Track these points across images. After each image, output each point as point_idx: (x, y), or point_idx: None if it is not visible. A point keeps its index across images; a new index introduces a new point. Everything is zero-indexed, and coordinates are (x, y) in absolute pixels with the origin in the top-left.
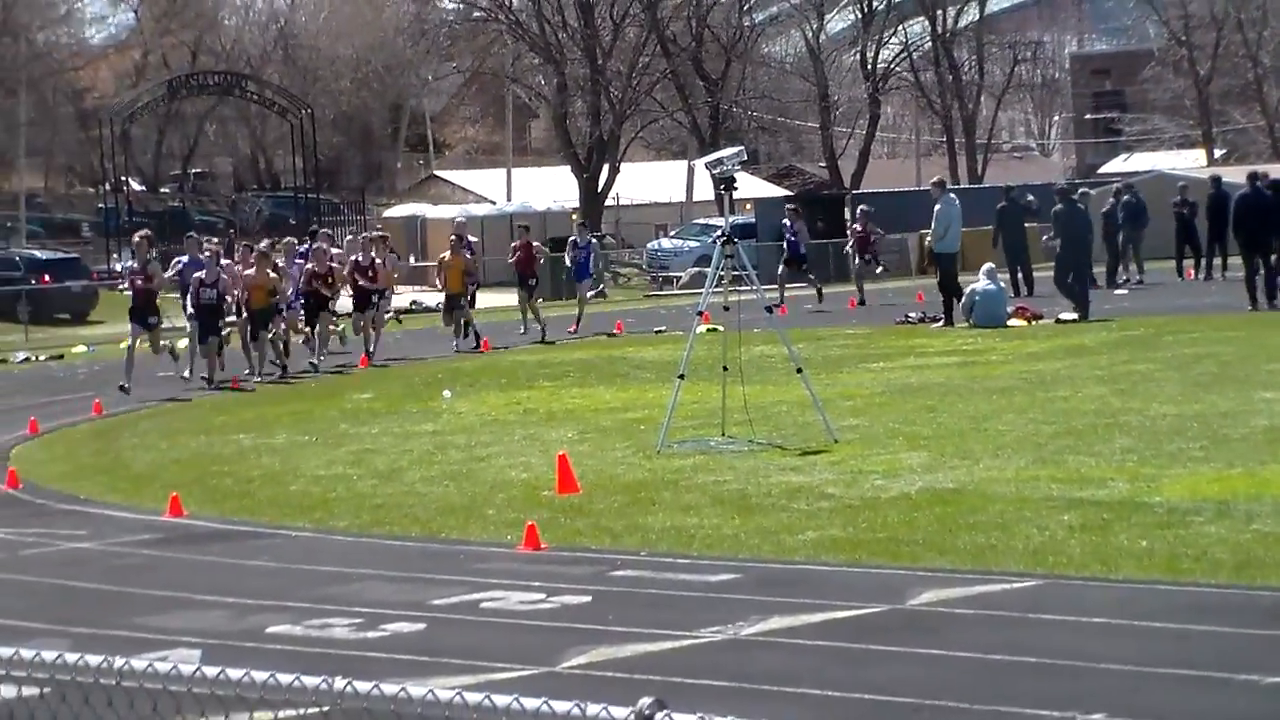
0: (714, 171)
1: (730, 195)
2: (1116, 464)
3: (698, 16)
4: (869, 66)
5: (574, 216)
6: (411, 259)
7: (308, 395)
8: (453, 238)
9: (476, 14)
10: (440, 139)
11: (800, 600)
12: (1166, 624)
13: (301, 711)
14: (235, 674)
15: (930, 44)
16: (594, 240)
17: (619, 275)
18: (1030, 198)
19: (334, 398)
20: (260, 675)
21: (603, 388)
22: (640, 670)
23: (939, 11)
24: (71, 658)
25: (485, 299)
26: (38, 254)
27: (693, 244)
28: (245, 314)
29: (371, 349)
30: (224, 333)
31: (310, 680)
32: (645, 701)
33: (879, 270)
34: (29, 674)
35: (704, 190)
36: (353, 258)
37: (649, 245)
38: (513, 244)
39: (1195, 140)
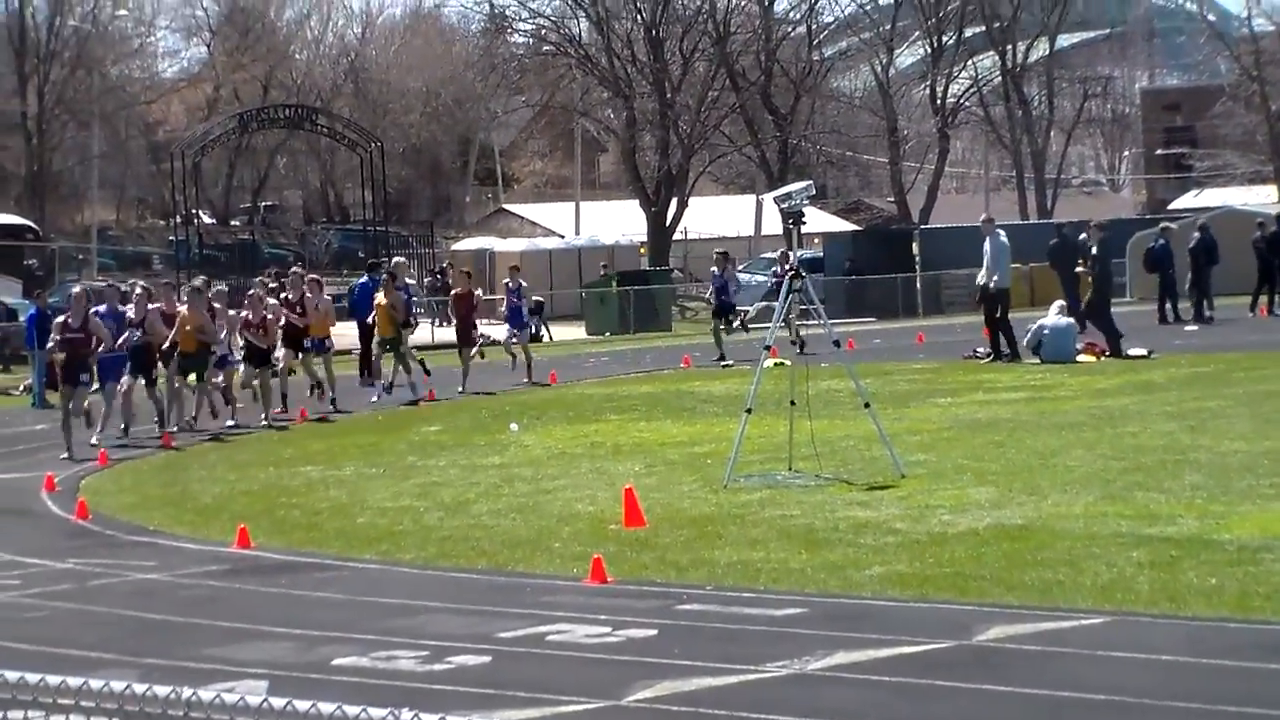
0: (782, 206)
1: (799, 230)
2: (1186, 501)
3: (766, 51)
4: (938, 101)
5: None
6: (480, 292)
7: (375, 428)
8: (385, 276)
9: (546, 48)
10: (509, 172)
11: (867, 635)
12: (1236, 662)
13: None
14: (302, 705)
15: (1000, 79)
16: (524, 284)
17: (686, 309)
18: (1083, 235)
19: (401, 430)
20: (327, 707)
21: (669, 421)
22: (706, 704)
23: (1009, 46)
24: (140, 688)
25: (555, 331)
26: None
27: (760, 278)
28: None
29: (327, 390)
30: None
31: (376, 712)
32: None
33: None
34: (98, 704)
35: (772, 224)
36: (283, 295)
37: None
38: (452, 292)
39: (1266, 176)
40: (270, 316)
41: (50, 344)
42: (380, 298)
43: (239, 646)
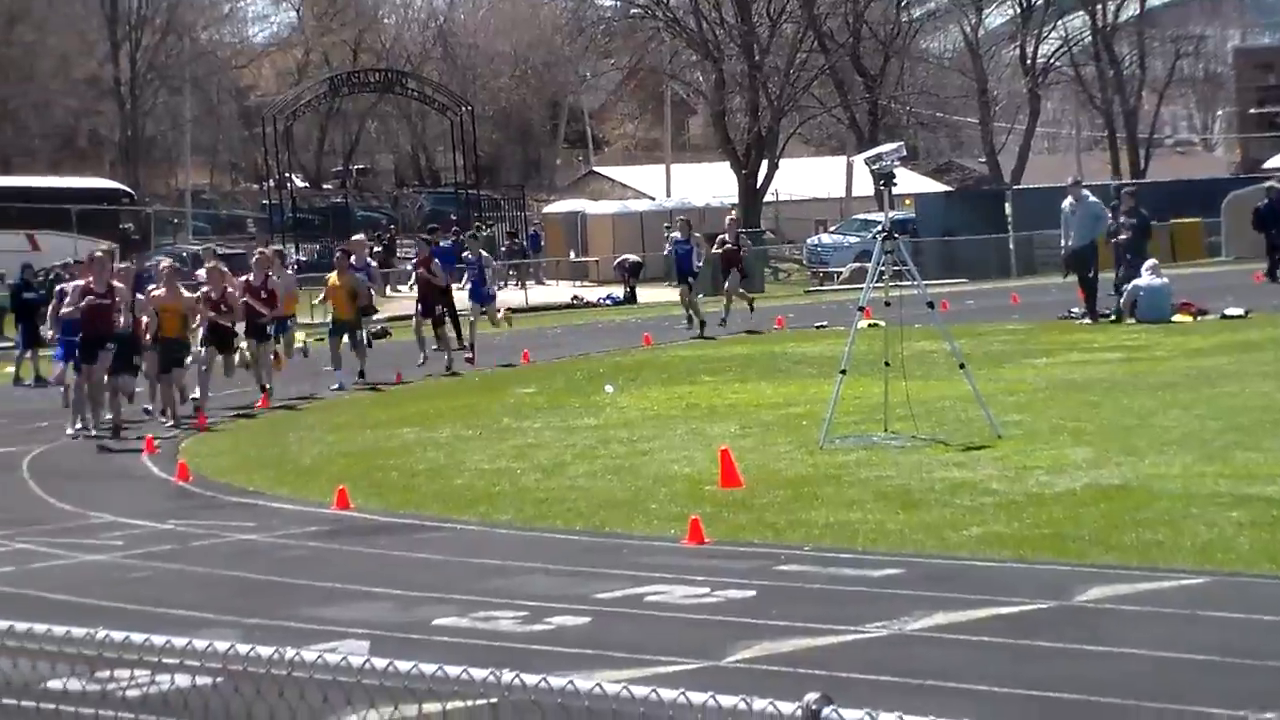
0: (873, 167)
1: (890, 191)
2: None
3: (855, 12)
4: (1028, 61)
5: (467, 230)
6: (571, 254)
7: (471, 390)
8: (339, 254)
9: (634, 11)
10: (599, 135)
11: (964, 596)
12: None
13: (469, 703)
14: (403, 666)
15: (1090, 38)
16: (485, 254)
17: (779, 271)
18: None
19: (497, 392)
20: (428, 667)
21: (764, 383)
22: (804, 665)
23: (1099, 5)
24: (243, 648)
25: (645, 294)
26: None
27: (852, 239)
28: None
29: (268, 385)
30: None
31: (478, 673)
32: (812, 697)
33: (737, 281)
34: (202, 664)
35: (863, 185)
36: (244, 278)
37: (808, 241)
38: (412, 259)
39: None
40: (231, 290)
41: (68, 309)
42: (333, 278)
43: (340, 607)
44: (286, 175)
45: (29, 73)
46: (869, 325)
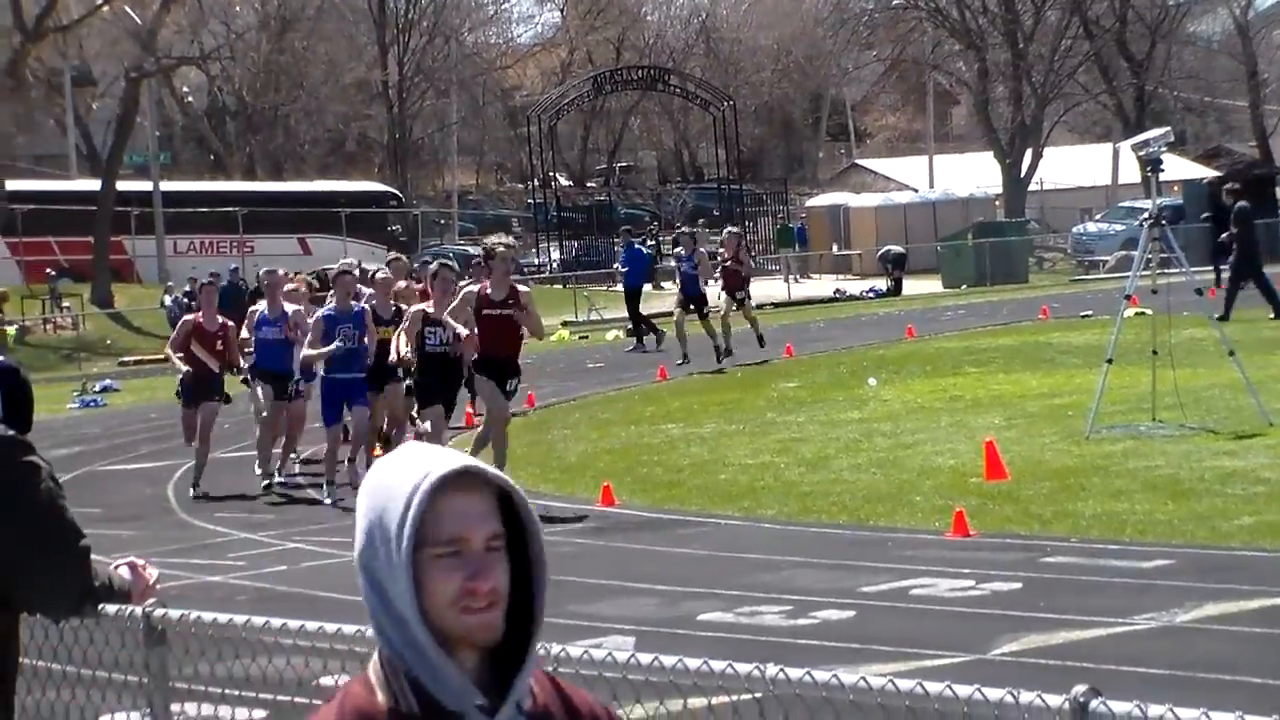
0: (1140, 154)
1: (1157, 177)
2: None
3: None
4: None
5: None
6: (834, 248)
7: (734, 385)
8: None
9: (896, 2)
10: (861, 127)
11: (1237, 586)
12: None
13: (734, 698)
14: (668, 661)
15: None
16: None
17: (1044, 260)
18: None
19: (760, 386)
20: (693, 662)
21: (1029, 373)
22: (1072, 657)
23: None
24: None
25: (910, 286)
26: (470, 249)
27: (1119, 227)
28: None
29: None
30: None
31: (742, 667)
32: (1080, 689)
33: (749, 304)
34: None
35: (1129, 172)
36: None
37: (1074, 229)
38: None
39: None
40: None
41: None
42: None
43: (605, 602)
44: (551, 174)
45: (299, 79)
46: (1135, 313)
